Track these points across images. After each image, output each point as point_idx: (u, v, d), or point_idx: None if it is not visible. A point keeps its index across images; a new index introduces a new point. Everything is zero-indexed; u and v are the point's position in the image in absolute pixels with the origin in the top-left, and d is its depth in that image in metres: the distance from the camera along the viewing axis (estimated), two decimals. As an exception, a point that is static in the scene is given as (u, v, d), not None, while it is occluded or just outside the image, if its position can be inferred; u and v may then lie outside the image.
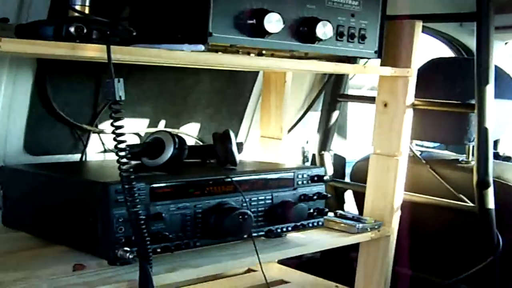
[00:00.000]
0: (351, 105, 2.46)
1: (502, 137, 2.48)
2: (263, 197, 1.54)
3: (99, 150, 1.93)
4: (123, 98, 1.18)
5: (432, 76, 1.98)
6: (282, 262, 2.28)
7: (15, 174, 1.57)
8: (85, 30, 1.11)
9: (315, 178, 1.65)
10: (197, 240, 1.42)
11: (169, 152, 1.54)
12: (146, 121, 2.01)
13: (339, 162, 2.39)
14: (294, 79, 2.14)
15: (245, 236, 1.49)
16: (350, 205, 2.45)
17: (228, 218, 1.41)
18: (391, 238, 1.85)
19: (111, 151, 1.75)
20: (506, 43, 2.84)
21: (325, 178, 1.66)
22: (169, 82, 2.01)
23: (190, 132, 2.11)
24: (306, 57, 1.53)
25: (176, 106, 2.07)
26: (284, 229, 1.59)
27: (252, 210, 1.51)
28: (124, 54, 1.19)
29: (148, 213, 1.34)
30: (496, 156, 3.05)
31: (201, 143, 2.10)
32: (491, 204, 1.78)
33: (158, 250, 1.36)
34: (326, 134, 2.23)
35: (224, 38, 1.29)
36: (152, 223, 1.34)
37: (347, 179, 2.38)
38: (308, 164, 2.40)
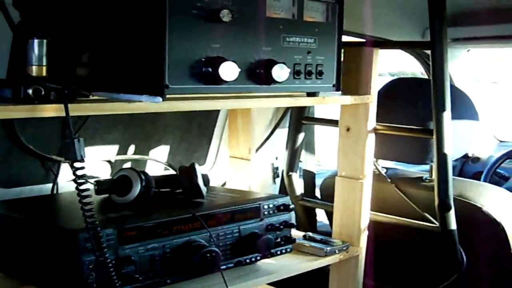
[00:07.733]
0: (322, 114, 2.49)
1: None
2: (230, 231, 1.58)
3: (70, 178, 1.95)
4: (84, 157, 1.21)
5: (393, 99, 2.02)
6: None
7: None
8: (43, 92, 1.14)
9: (281, 208, 1.69)
10: (167, 278, 1.46)
11: (136, 190, 1.57)
12: (115, 148, 2.04)
13: (309, 177, 2.43)
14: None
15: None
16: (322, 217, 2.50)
17: (196, 256, 1.45)
18: (360, 258, 1.90)
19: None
20: (468, 51, 2.90)
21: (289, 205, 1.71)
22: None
23: (160, 155, 2.14)
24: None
25: (146, 131, 2.09)
26: (253, 259, 1.63)
27: (220, 244, 1.55)
28: (82, 110, 1.23)
29: (117, 257, 1.37)
30: (466, 157, 3.14)
31: (170, 169, 2.14)
32: (453, 224, 1.82)
33: (130, 292, 1.40)
34: (293, 156, 2.28)
35: (181, 89, 1.32)
36: (122, 266, 1.37)
37: (318, 193, 2.43)
38: (278, 180, 2.44)
